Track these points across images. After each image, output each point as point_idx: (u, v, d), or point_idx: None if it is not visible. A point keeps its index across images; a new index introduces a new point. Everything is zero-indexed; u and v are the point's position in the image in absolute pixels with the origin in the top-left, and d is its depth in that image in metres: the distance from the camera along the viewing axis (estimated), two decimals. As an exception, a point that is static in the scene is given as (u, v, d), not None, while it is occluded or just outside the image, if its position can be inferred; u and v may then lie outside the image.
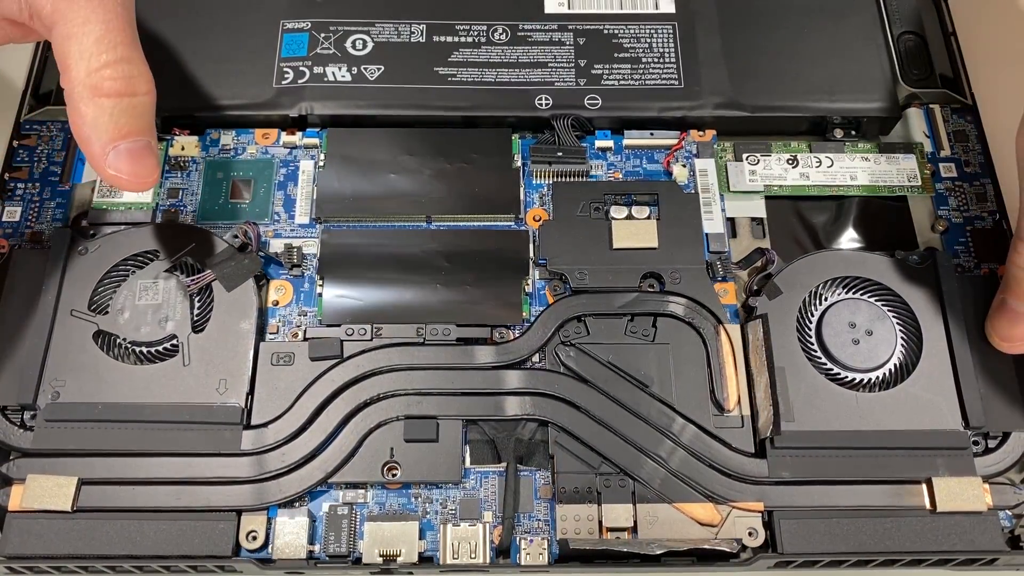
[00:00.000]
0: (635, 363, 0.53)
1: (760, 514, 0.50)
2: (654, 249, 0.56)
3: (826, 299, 0.54)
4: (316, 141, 0.60)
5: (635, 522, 0.49)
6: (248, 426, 0.50)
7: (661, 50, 0.63)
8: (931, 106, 0.63)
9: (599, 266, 0.55)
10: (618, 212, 0.57)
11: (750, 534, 0.49)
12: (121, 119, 0.45)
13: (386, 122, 0.61)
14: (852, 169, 0.59)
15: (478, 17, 0.64)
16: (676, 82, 0.62)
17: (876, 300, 0.54)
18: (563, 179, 0.59)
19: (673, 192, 0.58)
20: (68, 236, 0.54)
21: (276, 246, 0.57)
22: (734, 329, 0.54)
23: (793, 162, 0.60)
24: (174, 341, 0.52)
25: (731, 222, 0.59)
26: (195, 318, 0.53)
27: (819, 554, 0.48)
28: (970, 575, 0.52)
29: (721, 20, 0.64)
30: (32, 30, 0.48)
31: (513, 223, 0.58)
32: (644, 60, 0.63)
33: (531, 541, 0.49)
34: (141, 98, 0.46)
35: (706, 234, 0.57)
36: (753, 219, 0.59)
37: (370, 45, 0.63)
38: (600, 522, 0.49)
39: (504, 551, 0.49)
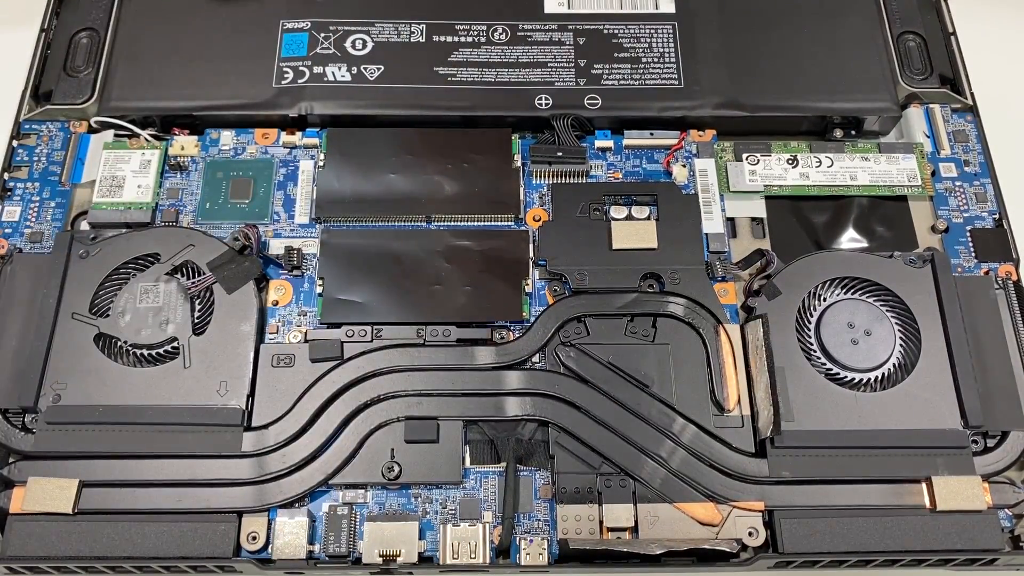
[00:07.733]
0: (635, 363, 0.53)
1: (760, 514, 0.50)
2: (654, 250, 0.56)
3: (825, 299, 0.54)
4: (316, 141, 0.60)
5: (636, 522, 0.49)
6: (249, 428, 0.50)
7: (661, 50, 0.63)
8: (931, 106, 0.63)
9: (599, 267, 0.55)
10: (618, 212, 0.57)
11: (750, 534, 0.49)
12: None
13: (386, 122, 0.61)
14: (852, 169, 0.59)
15: (478, 17, 0.64)
16: (676, 82, 0.62)
17: (875, 300, 0.54)
18: (563, 179, 0.59)
19: (672, 192, 0.58)
20: (69, 239, 0.54)
21: (276, 246, 0.57)
22: (734, 329, 0.54)
23: (793, 162, 0.60)
24: (175, 343, 0.52)
25: (731, 222, 0.59)
26: (195, 320, 0.53)
27: (819, 554, 0.49)
28: (970, 575, 0.52)
29: (721, 20, 0.64)
30: None
31: (513, 223, 0.58)
32: (644, 60, 0.63)
33: (531, 541, 0.49)
34: None
35: (706, 234, 0.57)
36: (753, 219, 0.59)
37: (370, 45, 0.63)
38: (600, 522, 0.49)
39: (504, 551, 0.49)
